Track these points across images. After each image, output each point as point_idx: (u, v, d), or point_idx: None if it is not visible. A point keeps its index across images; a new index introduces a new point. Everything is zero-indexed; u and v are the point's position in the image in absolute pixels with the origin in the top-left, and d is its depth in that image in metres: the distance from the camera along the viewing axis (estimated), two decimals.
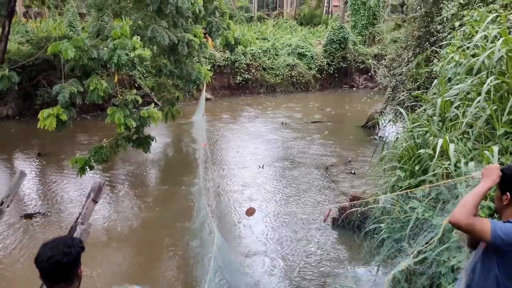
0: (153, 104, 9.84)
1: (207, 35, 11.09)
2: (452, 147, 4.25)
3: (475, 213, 2.32)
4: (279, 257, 6.42)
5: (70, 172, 9.54)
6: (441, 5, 8.78)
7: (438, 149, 4.42)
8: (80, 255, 2.30)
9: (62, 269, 2.21)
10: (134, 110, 9.13)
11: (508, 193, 2.41)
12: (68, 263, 2.22)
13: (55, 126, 7.85)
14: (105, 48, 8.19)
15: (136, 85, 17.19)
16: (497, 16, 5.78)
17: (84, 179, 8.93)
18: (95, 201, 4.64)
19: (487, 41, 5.00)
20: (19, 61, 14.93)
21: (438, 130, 5.06)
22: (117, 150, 9.36)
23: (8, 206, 4.56)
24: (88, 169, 8.59)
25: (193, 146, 12.66)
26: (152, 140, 10.04)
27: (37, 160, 11.18)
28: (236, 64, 22.42)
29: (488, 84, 4.39)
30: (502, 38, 4.72)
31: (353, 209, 6.55)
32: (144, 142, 9.84)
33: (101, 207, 7.86)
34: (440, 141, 4.44)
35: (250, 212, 5.82)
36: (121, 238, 7.11)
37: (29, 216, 7.71)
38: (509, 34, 5.13)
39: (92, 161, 8.62)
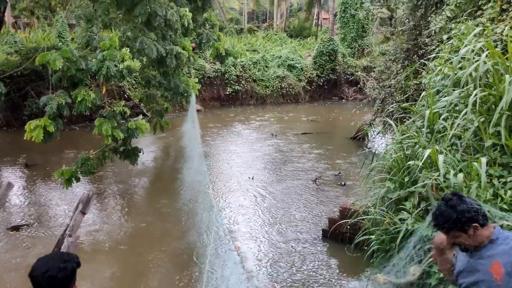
0: (141, 116, 9.77)
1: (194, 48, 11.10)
2: (441, 158, 4.28)
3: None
4: (266, 267, 6.37)
5: (58, 184, 9.43)
6: (429, 18, 8.90)
7: (424, 158, 4.44)
8: (75, 271, 2.29)
9: (56, 285, 2.19)
10: (122, 121, 9.07)
11: (469, 227, 2.34)
12: (62, 279, 2.20)
13: (42, 137, 7.77)
14: (93, 59, 8.15)
15: (126, 96, 17.13)
16: (484, 30, 5.86)
17: (72, 190, 8.82)
18: (83, 212, 4.58)
19: (474, 54, 5.07)
20: (7, 71, 14.78)
21: (427, 141, 5.09)
22: (104, 161, 9.26)
23: None
24: (74, 181, 8.49)
25: (183, 157, 12.59)
26: (140, 152, 9.97)
27: (25, 171, 11.04)
28: (226, 76, 22.45)
29: (475, 96, 4.44)
30: (487, 51, 4.78)
31: (343, 221, 6.54)
32: (131, 154, 9.75)
33: (88, 219, 7.75)
34: (427, 151, 4.46)
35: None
36: (107, 251, 7.01)
37: (16, 228, 7.58)
38: (496, 47, 5.20)
39: (79, 172, 8.52)
